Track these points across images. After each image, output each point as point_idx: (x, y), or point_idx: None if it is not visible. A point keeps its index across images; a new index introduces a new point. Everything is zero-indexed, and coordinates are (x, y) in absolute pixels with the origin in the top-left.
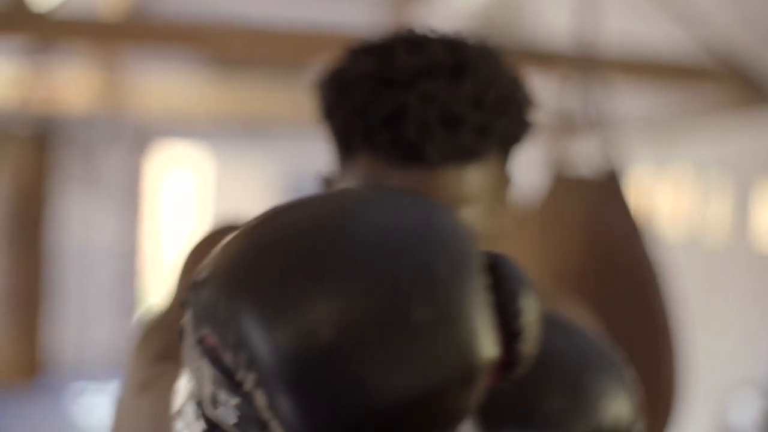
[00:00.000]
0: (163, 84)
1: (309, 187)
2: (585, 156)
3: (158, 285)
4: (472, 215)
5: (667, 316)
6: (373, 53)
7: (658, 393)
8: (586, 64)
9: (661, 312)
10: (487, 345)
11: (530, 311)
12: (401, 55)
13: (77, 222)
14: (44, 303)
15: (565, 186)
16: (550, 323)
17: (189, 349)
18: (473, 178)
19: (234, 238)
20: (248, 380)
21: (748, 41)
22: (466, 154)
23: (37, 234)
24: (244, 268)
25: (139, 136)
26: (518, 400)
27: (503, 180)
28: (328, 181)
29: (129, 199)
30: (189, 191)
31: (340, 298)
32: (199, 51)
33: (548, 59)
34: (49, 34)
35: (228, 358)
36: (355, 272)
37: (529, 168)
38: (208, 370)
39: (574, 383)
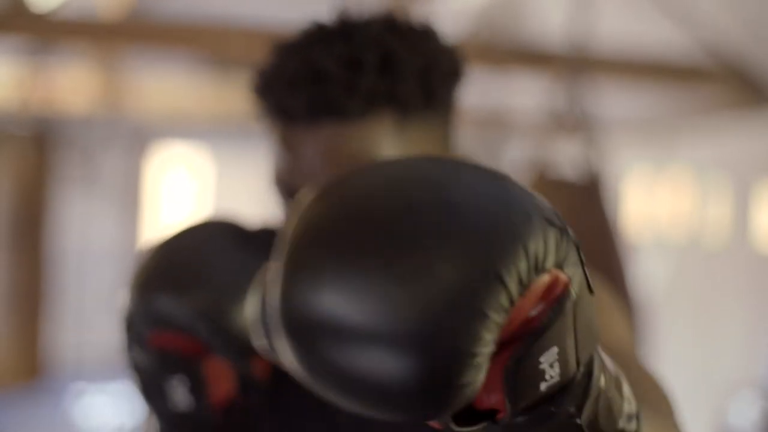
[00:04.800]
0: (162, 84)
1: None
2: (571, 157)
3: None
4: None
5: (635, 320)
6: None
7: None
8: (576, 65)
9: (630, 314)
10: None
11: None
12: (310, 29)
13: (76, 223)
14: (44, 304)
15: (545, 187)
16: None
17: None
18: (356, 137)
19: None
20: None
21: (747, 42)
22: (333, 109)
23: (36, 235)
24: None
25: (138, 137)
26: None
27: (425, 149)
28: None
29: (128, 200)
30: (188, 192)
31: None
32: (198, 52)
33: (545, 60)
34: (48, 35)
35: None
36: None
37: (514, 167)
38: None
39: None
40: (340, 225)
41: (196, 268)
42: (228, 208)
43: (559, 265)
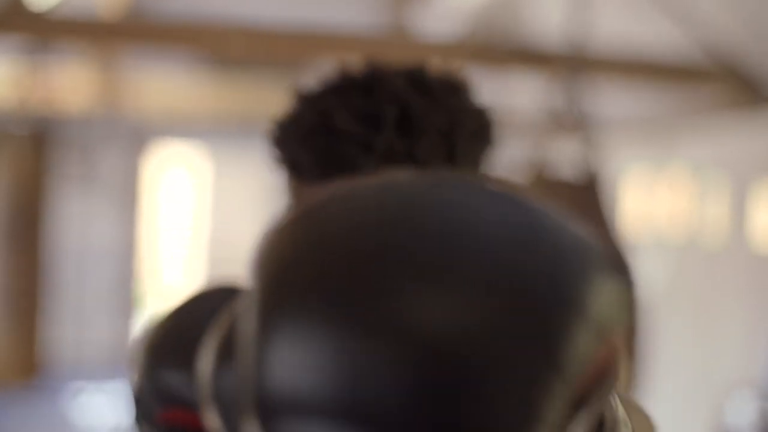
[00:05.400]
0: (160, 83)
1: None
2: (569, 157)
3: (155, 285)
4: None
5: (635, 321)
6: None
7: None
8: (575, 64)
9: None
10: None
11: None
12: (332, 79)
13: (75, 221)
14: (42, 303)
15: (543, 187)
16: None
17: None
18: None
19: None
20: None
21: (746, 42)
22: (346, 166)
23: (35, 234)
24: None
25: (136, 136)
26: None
27: None
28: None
29: (126, 199)
30: (186, 190)
31: None
32: (196, 51)
33: (543, 60)
34: (46, 34)
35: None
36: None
37: (510, 167)
38: None
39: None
40: (321, 270)
41: (203, 342)
42: (226, 206)
43: (616, 324)
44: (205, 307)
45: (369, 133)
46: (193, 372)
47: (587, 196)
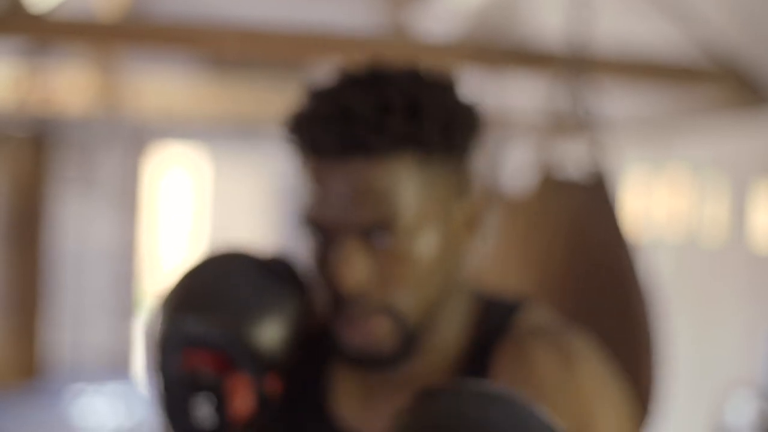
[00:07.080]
0: (159, 85)
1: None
2: (575, 158)
3: (155, 286)
4: (383, 211)
5: (647, 321)
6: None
7: (637, 394)
8: (577, 64)
9: (642, 316)
10: None
11: None
12: (342, 76)
13: (74, 223)
14: (42, 304)
15: (552, 188)
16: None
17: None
18: (381, 173)
19: None
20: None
21: (745, 41)
22: (360, 147)
23: (34, 235)
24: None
25: (136, 137)
26: None
27: (442, 192)
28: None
29: (126, 201)
30: (186, 191)
31: None
32: (195, 52)
33: (543, 60)
34: (46, 36)
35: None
36: None
37: (518, 168)
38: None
39: None
40: None
41: (221, 291)
42: (225, 207)
43: None
44: (220, 265)
45: (381, 118)
46: (213, 317)
47: (597, 197)
